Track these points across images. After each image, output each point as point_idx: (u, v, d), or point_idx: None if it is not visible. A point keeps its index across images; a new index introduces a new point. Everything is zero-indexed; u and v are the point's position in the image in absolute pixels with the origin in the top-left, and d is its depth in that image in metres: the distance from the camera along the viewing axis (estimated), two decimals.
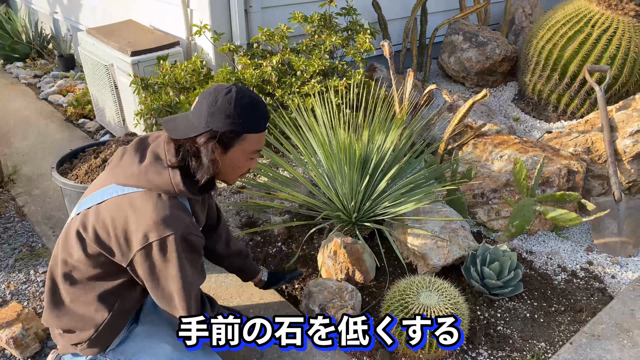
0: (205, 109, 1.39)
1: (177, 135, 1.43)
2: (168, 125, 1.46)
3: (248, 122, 1.42)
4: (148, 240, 1.37)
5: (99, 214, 1.43)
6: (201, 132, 1.40)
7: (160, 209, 1.39)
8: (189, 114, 1.45)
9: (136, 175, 1.42)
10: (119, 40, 3.48)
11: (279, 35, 3.20)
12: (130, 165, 1.44)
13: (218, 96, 1.39)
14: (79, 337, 1.55)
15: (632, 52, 3.34)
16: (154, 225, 1.37)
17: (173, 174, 1.42)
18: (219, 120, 1.39)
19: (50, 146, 3.83)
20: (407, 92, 3.02)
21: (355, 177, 2.41)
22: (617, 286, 2.48)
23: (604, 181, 2.93)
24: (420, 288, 1.98)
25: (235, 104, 1.39)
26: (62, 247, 1.52)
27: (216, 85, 1.44)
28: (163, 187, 1.41)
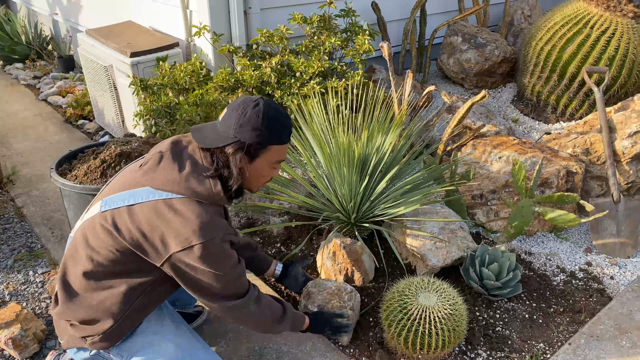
0: (234, 120, 1.47)
1: (206, 144, 1.51)
2: (197, 135, 1.53)
3: (273, 135, 1.51)
4: (191, 243, 1.43)
5: (134, 215, 1.47)
6: (229, 142, 1.48)
7: (203, 214, 1.46)
8: (216, 124, 1.53)
9: (177, 183, 1.47)
10: (118, 42, 3.48)
11: (278, 36, 3.20)
12: (171, 172, 1.49)
13: (247, 109, 1.47)
14: (94, 330, 1.56)
15: (631, 54, 3.35)
16: (197, 229, 1.43)
17: (214, 183, 1.49)
18: (247, 132, 1.47)
19: (49, 147, 3.83)
20: (406, 93, 3.02)
21: (354, 178, 2.41)
22: (615, 287, 2.48)
23: (602, 182, 2.93)
24: (419, 289, 1.98)
25: (262, 117, 1.47)
26: (84, 243, 1.54)
27: (244, 97, 1.52)
28: (204, 194, 1.48)
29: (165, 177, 1.49)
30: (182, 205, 1.46)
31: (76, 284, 1.55)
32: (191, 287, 1.54)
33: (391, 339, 1.99)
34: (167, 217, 1.45)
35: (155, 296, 1.63)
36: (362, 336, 2.16)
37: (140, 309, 1.60)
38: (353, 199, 2.44)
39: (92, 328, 1.56)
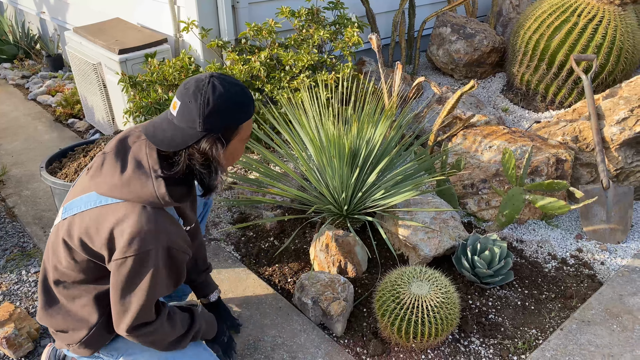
0: (196, 112, 1.32)
1: (172, 147, 1.36)
2: (155, 139, 1.38)
3: (242, 112, 1.39)
4: (126, 254, 1.32)
5: (83, 222, 1.39)
6: (200, 137, 1.35)
7: (144, 222, 1.33)
8: (171, 120, 1.37)
9: (119, 187, 1.36)
10: (106, 39, 3.46)
11: (266, 30, 3.20)
12: (112, 175, 1.37)
13: (207, 95, 1.32)
14: (72, 338, 1.54)
15: (618, 41, 3.36)
16: (135, 239, 1.32)
17: (157, 185, 1.35)
18: (216, 120, 1.34)
19: (39, 147, 3.81)
20: (395, 84, 3.03)
21: (345, 170, 2.42)
22: (606, 272, 2.50)
23: (592, 169, 2.95)
24: (412, 278, 1.99)
25: (227, 99, 1.35)
26: (51, 251, 1.50)
27: (194, 81, 1.35)
28: (148, 199, 1.35)
29: (108, 181, 1.37)
30: (126, 211, 1.34)
31: (52, 290, 1.52)
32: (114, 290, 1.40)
33: (385, 328, 2.01)
34: (110, 224, 1.34)
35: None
36: (356, 326, 2.18)
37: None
38: (345, 191, 2.44)
39: (69, 336, 1.53)
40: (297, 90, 2.99)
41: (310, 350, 2.05)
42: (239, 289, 2.37)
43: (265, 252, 2.64)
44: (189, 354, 1.65)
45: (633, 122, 2.81)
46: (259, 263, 2.57)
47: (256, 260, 2.59)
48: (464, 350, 2.08)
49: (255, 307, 2.27)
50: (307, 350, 2.05)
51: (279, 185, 2.49)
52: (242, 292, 2.35)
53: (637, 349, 2.05)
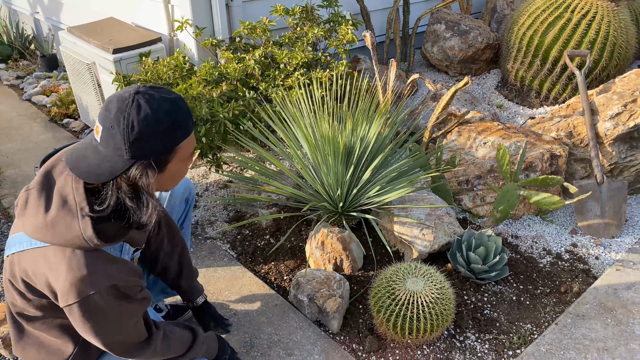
0: (120, 138, 1.16)
1: (99, 180, 1.20)
2: (77, 168, 1.21)
3: (177, 130, 1.22)
4: (68, 302, 1.22)
5: (21, 264, 1.27)
6: (128, 167, 1.18)
7: (75, 269, 1.20)
8: (96, 145, 1.20)
9: (43, 230, 1.21)
10: (100, 38, 3.46)
11: (261, 28, 3.20)
12: (36, 215, 1.22)
13: (130, 118, 1.15)
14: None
15: (612, 36, 3.37)
16: (71, 287, 1.20)
17: (84, 226, 1.19)
18: (145, 146, 1.18)
19: (34, 147, 3.81)
20: (390, 82, 3.03)
21: (340, 167, 2.42)
22: (601, 267, 2.52)
23: (586, 164, 2.96)
24: (407, 274, 2.00)
25: (156, 121, 1.17)
26: (5, 288, 1.38)
27: (116, 101, 1.18)
28: (75, 242, 1.20)
29: (33, 222, 1.23)
30: (55, 257, 1.21)
31: (20, 323, 1.41)
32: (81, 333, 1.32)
33: (380, 324, 2.01)
34: (44, 269, 1.23)
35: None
36: (352, 323, 2.18)
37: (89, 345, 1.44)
38: (340, 188, 2.45)
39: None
40: (291, 88, 2.99)
41: (306, 347, 2.06)
42: (235, 287, 2.38)
43: (261, 250, 2.64)
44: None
45: (626, 117, 2.82)
46: (255, 261, 2.57)
47: (252, 258, 2.59)
48: (460, 345, 2.08)
49: (251, 305, 2.27)
50: (304, 347, 2.05)
51: (274, 183, 2.49)
52: (238, 291, 2.36)
53: (631, 342, 2.06)
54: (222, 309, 2.25)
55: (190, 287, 1.96)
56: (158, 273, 1.88)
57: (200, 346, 1.63)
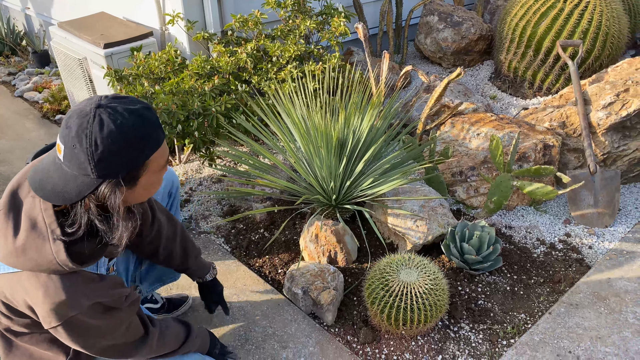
0: (85, 158, 1.07)
1: (65, 201, 1.11)
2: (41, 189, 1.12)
3: (146, 145, 1.14)
4: (51, 325, 1.18)
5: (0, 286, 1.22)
6: (96, 186, 1.10)
7: (52, 294, 1.15)
8: (59, 163, 1.11)
9: (14, 256, 1.14)
10: (91, 33, 3.43)
11: (252, 21, 3.18)
12: (5, 240, 1.15)
13: (93, 135, 1.06)
14: None
15: (604, 26, 3.37)
16: (50, 312, 1.16)
17: (57, 250, 1.13)
18: (112, 164, 1.09)
19: (27, 144, 3.79)
20: (383, 74, 3.02)
21: (333, 160, 2.42)
22: (594, 256, 2.53)
23: (579, 154, 2.97)
24: (400, 266, 2.00)
25: (121, 137, 1.08)
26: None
27: (76, 117, 1.08)
28: (49, 267, 1.14)
29: (2, 247, 1.16)
30: (30, 283, 1.16)
31: (7, 336, 1.36)
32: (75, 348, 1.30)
33: (374, 316, 2.02)
34: (22, 295, 1.18)
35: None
36: (347, 315, 2.19)
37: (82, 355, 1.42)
38: (333, 181, 2.45)
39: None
40: (284, 81, 2.98)
41: (301, 340, 2.06)
42: (229, 281, 2.37)
43: (255, 243, 2.64)
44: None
45: (619, 106, 2.83)
46: (249, 255, 2.57)
47: (246, 252, 2.59)
48: (454, 336, 2.09)
49: (245, 298, 2.27)
50: (298, 340, 2.06)
51: (268, 176, 2.49)
52: (233, 284, 2.36)
53: (624, 330, 2.07)
54: None
55: (198, 265, 1.91)
56: (162, 260, 1.82)
57: (194, 340, 1.64)
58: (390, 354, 2.01)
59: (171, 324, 1.58)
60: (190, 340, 1.62)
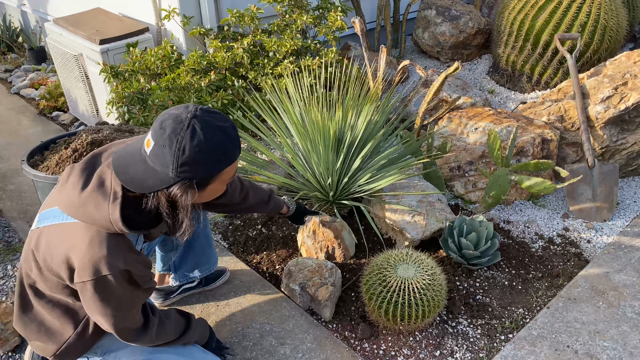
0: (170, 158, 1.19)
1: (143, 189, 1.25)
2: (123, 173, 1.26)
3: (224, 160, 1.27)
4: (83, 279, 1.27)
5: (48, 237, 1.33)
6: (172, 184, 1.23)
7: (96, 247, 1.25)
8: (144, 156, 1.24)
9: (75, 206, 1.28)
10: (86, 29, 3.41)
11: (249, 16, 3.16)
12: (72, 191, 1.29)
13: (184, 142, 1.19)
14: (45, 350, 1.48)
15: (602, 19, 3.35)
16: (88, 264, 1.25)
17: (112, 210, 1.24)
18: (192, 169, 1.21)
19: (23, 141, 3.77)
20: (380, 68, 3.01)
21: (331, 156, 2.41)
22: (592, 250, 2.52)
23: (577, 148, 2.96)
24: (398, 261, 1.99)
25: (206, 150, 1.21)
26: (25, 257, 1.44)
27: (171, 121, 1.21)
28: (101, 223, 1.26)
29: (69, 197, 1.30)
30: (80, 233, 1.27)
31: (27, 295, 1.46)
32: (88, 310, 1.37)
33: (372, 311, 2.01)
34: (66, 245, 1.28)
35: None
36: (344, 311, 2.18)
37: (91, 331, 1.49)
38: (330, 177, 2.43)
39: (42, 348, 1.47)
40: (281, 76, 2.97)
41: (299, 336, 2.05)
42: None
43: (253, 240, 2.63)
44: (173, 349, 1.64)
45: (617, 100, 2.82)
46: (246, 251, 2.56)
47: (244, 248, 2.58)
48: (452, 331, 2.09)
49: (243, 294, 2.26)
50: (296, 336, 2.05)
51: (265, 172, 2.47)
52: (230, 280, 2.35)
53: (622, 324, 2.06)
54: (214, 299, 2.24)
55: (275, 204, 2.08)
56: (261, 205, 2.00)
57: (193, 331, 1.67)
58: (388, 350, 2.01)
59: (172, 315, 1.62)
60: (190, 331, 1.65)
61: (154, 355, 1.60)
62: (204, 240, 2.13)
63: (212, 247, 2.18)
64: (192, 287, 2.26)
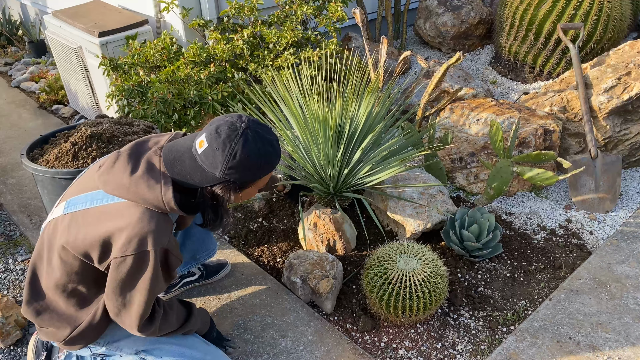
0: (221, 160, 1.34)
1: (186, 183, 1.40)
2: (172, 167, 1.40)
3: (265, 169, 1.42)
4: (125, 252, 1.33)
5: (85, 219, 1.40)
6: (216, 183, 1.38)
7: (145, 223, 1.35)
8: (194, 154, 1.38)
9: (126, 187, 1.37)
10: (86, 22, 3.39)
11: (248, 7, 3.14)
12: (122, 175, 1.39)
13: (236, 148, 1.33)
14: (56, 336, 1.52)
15: (606, 8, 3.32)
16: (134, 239, 1.33)
17: (165, 190, 1.36)
18: (237, 172, 1.36)
19: (23, 134, 3.76)
20: (381, 59, 2.99)
21: (331, 147, 2.39)
22: (595, 242, 2.51)
23: (580, 139, 2.94)
24: (399, 254, 1.99)
25: (255, 158, 1.36)
26: (46, 246, 1.48)
27: (227, 127, 1.35)
28: (153, 202, 1.36)
29: (117, 180, 1.39)
30: (128, 210, 1.37)
31: (39, 285, 1.51)
32: (112, 288, 1.41)
33: (373, 304, 2.01)
34: (111, 223, 1.36)
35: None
36: (346, 303, 2.17)
37: (104, 317, 1.52)
38: (331, 169, 2.42)
39: (53, 333, 1.52)
40: (281, 68, 2.95)
41: (300, 329, 2.05)
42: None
43: (254, 233, 2.62)
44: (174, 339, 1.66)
45: (621, 90, 2.79)
46: (247, 244, 2.56)
47: (245, 241, 2.58)
48: (454, 323, 2.08)
49: (244, 287, 2.26)
50: (297, 329, 2.05)
51: None
52: (232, 274, 2.34)
53: (624, 316, 2.06)
54: (215, 292, 2.24)
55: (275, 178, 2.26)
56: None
57: (194, 320, 1.71)
58: (389, 342, 2.00)
59: (174, 305, 1.65)
60: (192, 320, 1.69)
61: (155, 346, 1.62)
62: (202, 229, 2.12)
63: (210, 234, 2.19)
64: (193, 279, 2.26)
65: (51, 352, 1.79)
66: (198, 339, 1.73)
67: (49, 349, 1.80)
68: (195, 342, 1.70)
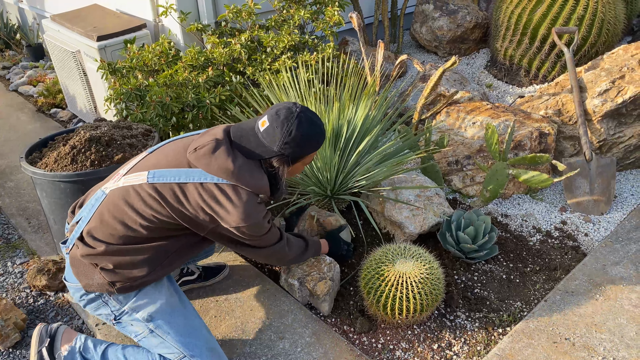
0: (279, 137, 1.63)
1: (253, 157, 1.68)
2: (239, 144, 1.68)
3: (313, 146, 1.71)
4: (239, 224, 1.65)
5: (187, 192, 1.64)
6: (273, 155, 1.67)
7: (250, 202, 1.66)
8: (257, 132, 1.66)
9: (229, 172, 1.63)
10: (84, 26, 3.41)
11: (246, 12, 3.16)
12: (225, 162, 1.63)
13: (292, 127, 1.63)
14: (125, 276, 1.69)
15: (600, 13, 3.35)
16: (246, 214, 1.64)
17: (265, 180, 1.69)
18: (291, 147, 1.65)
19: (22, 138, 3.77)
20: (378, 63, 3.01)
21: (328, 151, 2.41)
22: (590, 244, 2.53)
23: (575, 142, 2.96)
24: (396, 255, 2.00)
25: (306, 135, 1.65)
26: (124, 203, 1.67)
27: (285, 111, 1.64)
28: (251, 187, 1.65)
29: (221, 165, 1.62)
30: (234, 191, 1.64)
31: (114, 235, 1.68)
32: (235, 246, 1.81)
33: (371, 306, 2.02)
34: (220, 199, 1.63)
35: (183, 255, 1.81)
36: (343, 305, 2.19)
37: (168, 266, 1.76)
38: (328, 172, 2.44)
39: (123, 274, 1.69)
40: (278, 72, 2.97)
41: (297, 331, 2.06)
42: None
43: None
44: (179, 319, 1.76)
45: (615, 93, 2.82)
46: None
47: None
48: (450, 324, 2.10)
49: (242, 289, 2.27)
50: (295, 331, 2.06)
51: None
52: (230, 276, 2.36)
53: (619, 317, 2.08)
54: (214, 293, 2.25)
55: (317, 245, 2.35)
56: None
57: (312, 247, 2.13)
58: (386, 343, 2.02)
59: (291, 237, 2.03)
60: (310, 247, 2.12)
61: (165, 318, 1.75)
62: None
63: None
64: (192, 280, 2.28)
65: (54, 339, 1.82)
66: (202, 325, 1.81)
67: (52, 336, 1.83)
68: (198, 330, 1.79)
